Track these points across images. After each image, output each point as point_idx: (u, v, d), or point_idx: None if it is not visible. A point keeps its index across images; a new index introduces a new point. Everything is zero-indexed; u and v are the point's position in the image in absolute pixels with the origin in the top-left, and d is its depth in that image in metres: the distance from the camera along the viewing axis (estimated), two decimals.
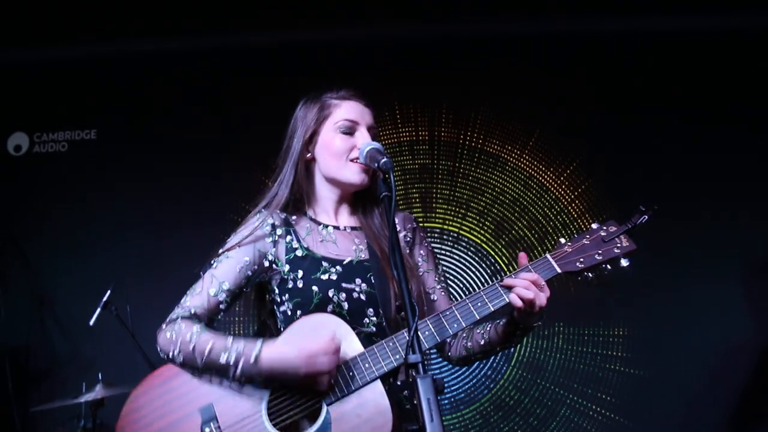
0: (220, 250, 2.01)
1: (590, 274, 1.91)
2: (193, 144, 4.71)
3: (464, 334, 2.04)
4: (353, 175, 2.00)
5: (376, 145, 1.91)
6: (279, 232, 2.02)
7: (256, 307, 2.11)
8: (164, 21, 4.82)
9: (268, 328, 2.08)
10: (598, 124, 4.56)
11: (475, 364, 4.32)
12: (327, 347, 1.73)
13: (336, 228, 2.07)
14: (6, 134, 4.89)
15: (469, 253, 4.51)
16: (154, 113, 4.83)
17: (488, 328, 1.97)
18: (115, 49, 4.92)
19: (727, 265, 4.31)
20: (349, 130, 2.02)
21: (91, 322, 3.81)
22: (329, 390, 1.77)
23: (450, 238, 4.55)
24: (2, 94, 4.93)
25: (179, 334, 1.86)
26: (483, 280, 4.46)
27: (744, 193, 4.40)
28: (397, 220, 2.10)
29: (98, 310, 3.82)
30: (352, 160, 1.99)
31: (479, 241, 4.54)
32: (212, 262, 2.00)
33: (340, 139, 2.02)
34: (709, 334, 4.21)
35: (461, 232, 4.56)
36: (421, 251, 2.14)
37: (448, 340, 2.06)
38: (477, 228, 4.57)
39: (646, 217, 1.88)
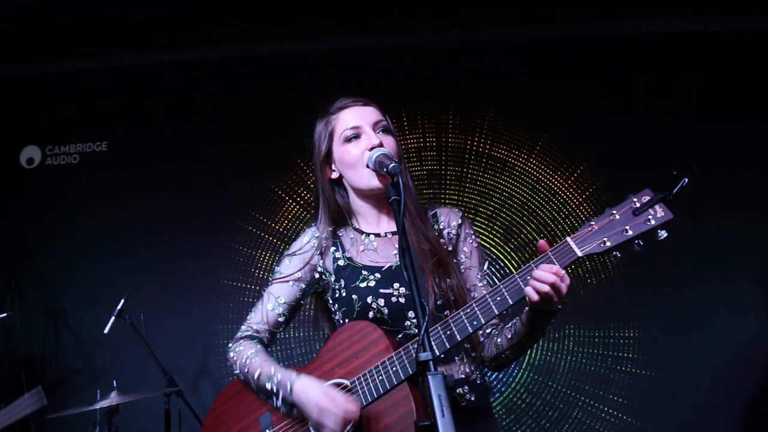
0: (276, 268, 2.15)
1: (618, 253, 1.71)
2: (202, 154, 4.77)
3: (495, 332, 2.01)
4: (372, 179, 1.98)
5: (384, 150, 1.92)
6: (326, 244, 2.10)
7: (320, 317, 2.21)
8: (174, 33, 4.90)
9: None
10: (605, 127, 4.57)
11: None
12: (338, 410, 1.76)
13: (377, 235, 2.08)
14: (18, 147, 4.97)
15: None
16: (164, 125, 4.89)
17: (515, 321, 1.93)
18: (126, 62, 4.99)
19: (738, 265, 4.31)
20: (355, 136, 2.03)
21: (106, 331, 3.84)
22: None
23: None
24: (15, 108, 5.01)
25: (239, 355, 2.05)
26: (492, 284, 4.43)
27: (757, 193, 4.40)
28: (441, 216, 2.12)
29: (112, 319, 3.85)
30: (367, 166, 1.96)
31: (488, 246, 4.55)
32: (270, 280, 2.15)
33: (350, 149, 2.02)
34: (721, 335, 4.21)
35: None
36: (465, 248, 2.11)
37: (482, 339, 2.05)
38: (486, 232, 4.58)
39: (687, 180, 1.65)
